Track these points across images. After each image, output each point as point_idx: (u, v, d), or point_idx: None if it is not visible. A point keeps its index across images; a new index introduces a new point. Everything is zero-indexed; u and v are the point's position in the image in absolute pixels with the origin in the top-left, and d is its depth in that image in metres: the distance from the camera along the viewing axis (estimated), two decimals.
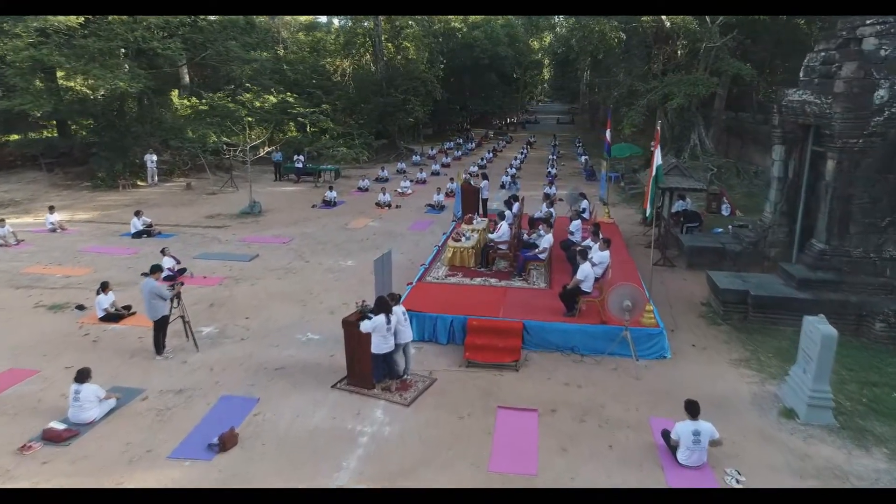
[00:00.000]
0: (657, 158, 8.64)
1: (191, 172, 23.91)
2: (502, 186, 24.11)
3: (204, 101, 26.98)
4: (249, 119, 29.28)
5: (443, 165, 30.03)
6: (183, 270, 12.24)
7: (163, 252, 12.14)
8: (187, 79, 31.57)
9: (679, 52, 24.20)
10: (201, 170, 23.61)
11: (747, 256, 13.06)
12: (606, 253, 9.76)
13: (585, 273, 9.03)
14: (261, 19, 35.56)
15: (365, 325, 7.43)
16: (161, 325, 8.65)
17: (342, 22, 45.29)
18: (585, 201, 14.81)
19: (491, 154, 35.05)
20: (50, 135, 24.83)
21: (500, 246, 11.53)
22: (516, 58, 49.12)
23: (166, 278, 11.91)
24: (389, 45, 36.10)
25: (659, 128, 9.18)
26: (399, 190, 22.26)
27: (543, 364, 8.68)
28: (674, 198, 15.63)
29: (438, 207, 19.25)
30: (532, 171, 29.73)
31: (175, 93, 31.30)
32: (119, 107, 21.59)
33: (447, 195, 21.17)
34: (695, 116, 24.09)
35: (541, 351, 8.99)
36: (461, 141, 42.27)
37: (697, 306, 11.16)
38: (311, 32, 46.16)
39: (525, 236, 12.74)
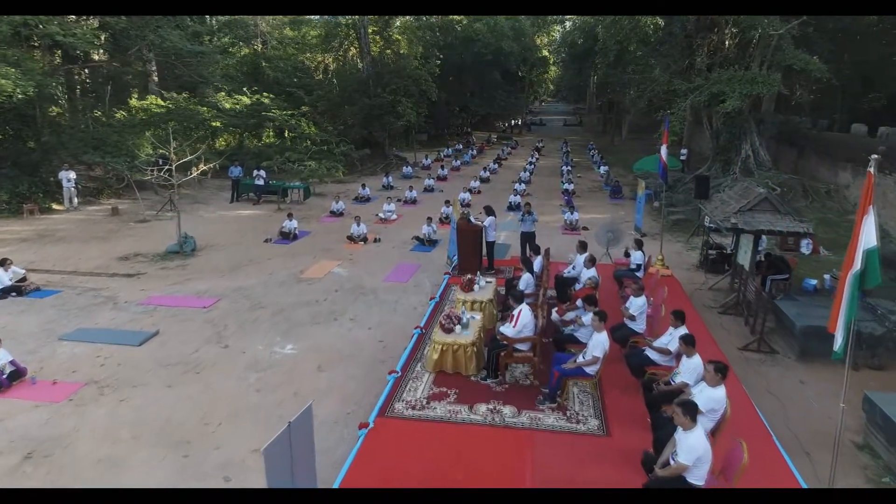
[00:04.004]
0: (868, 228, 4.11)
1: (125, 192, 19.39)
2: (510, 208, 19.64)
3: (167, 102, 22.62)
4: (216, 124, 24.97)
5: (438, 179, 25.46)
6: (17, 374, 7.75)
7: None
8: (156, 77, 27.16)
9: (727, 42, 19.67)
10: (141, 187, 19.11)
11: (892, 342, 8.62)
12: (721, 392, 5.26)
13: (696, 455, 4.53)
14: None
15: None
16: None
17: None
18: (640, 252, 10.25)
19: (496, 164, 30.56)
20: None
21: (520, 346, 7.03)
22: (522, 54, 44.56)
23: None
24: (377, 37, 31.57)
25: (873, 171, 4.46)
26: (380, 215, 17.77)
27: None
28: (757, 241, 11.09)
29: (428, 243, 14.77)
30: (544, 186, 25.24)
31: (135, 94, 26.93)
32: (29, 111, 17.06)
33: (441, 222, 16.75)
34: (747, 122, 19.58)
35: None
36: (460, 147, 37.78)
37: (849, 448, 6.68)
38: (299, 27, 41.59)
39: (555, 316, 8.24)
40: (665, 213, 18.36)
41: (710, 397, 5.19)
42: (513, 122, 56.68)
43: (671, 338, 6.67)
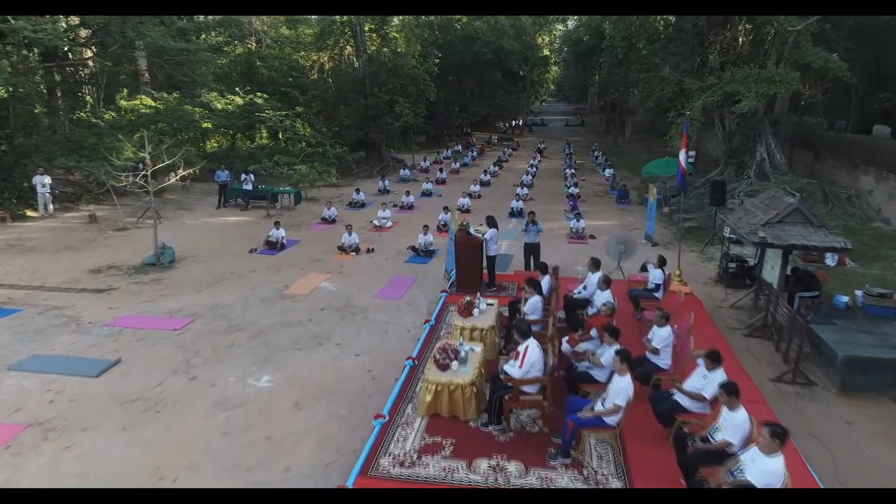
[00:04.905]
0: None
1: (105, 198, 18.34)
2: (512, 214, 18.66)
3: (157, 102, 21.62)
4: (206, 124, 23.99)
5: (437, 182, 24.46)
6: None
7: None
8: (147, 76, 26.15)
9: (741, 39, 18.66)
10: (122, 193, 18.06)
11: None
12: (779, 463, 4.26)
13: None
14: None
15: None
16: None
17: None
18: (659, 271, 9.23)
19: (496, 167, 29.56)
20: None
21: (527, 388, 6.03)
22: (523, 52, 43.53)
23: None
24: (374, 36, 30.57)
25: None
26: (375, 222, 16.77)
27: None
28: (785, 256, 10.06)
29: (425, 253, 13.77)
30: (547, 190, 24.26)
31: (123, 93, 25.95)
32: (1, 112, 16.06)
33: (439, 229, 15.79)
34: (762, 123, 18.57)
35: None
36: (460, 149, 36.78)
37: None
38: (295, 26, 40.53)
39: (566, 347, 7.23)
40: (677, 219, 17.38)
41: (766, 471, 4.18)
42: (513, 122, 55.73)
43: (705, 381, 5.68)
